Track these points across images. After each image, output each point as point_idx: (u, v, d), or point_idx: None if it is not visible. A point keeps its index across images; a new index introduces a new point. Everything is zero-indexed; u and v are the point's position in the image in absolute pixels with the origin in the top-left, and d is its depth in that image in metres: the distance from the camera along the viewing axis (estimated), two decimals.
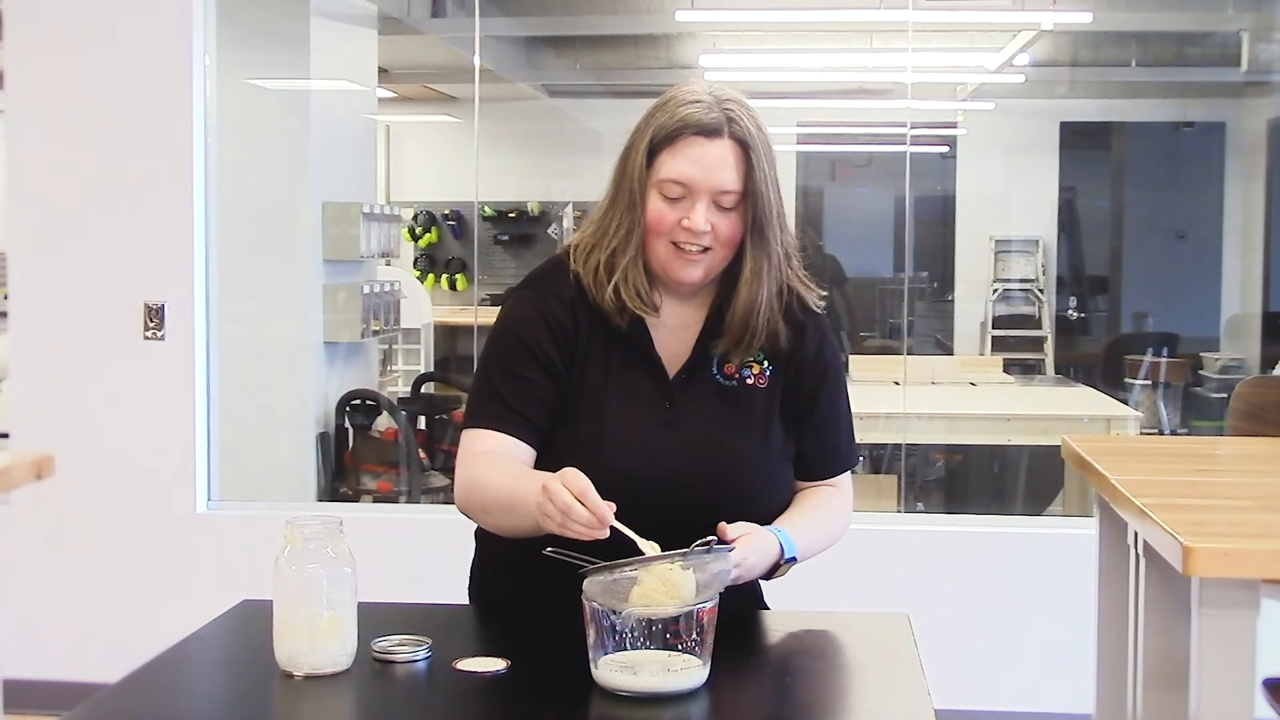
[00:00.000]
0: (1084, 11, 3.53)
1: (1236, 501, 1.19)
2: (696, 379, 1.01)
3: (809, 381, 1.03)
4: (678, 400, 1.00)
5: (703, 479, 0.98)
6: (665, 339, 1.02)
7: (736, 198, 0.97)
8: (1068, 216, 4.86)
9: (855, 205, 5.19)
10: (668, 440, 0.99)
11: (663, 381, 1.01)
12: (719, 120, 0.97)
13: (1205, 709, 0.97)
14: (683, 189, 0.97)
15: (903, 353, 3.38)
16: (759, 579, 0.99)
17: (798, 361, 1.03)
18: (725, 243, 0.98)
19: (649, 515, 0.93)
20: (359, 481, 2.74)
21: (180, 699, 0.88)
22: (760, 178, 0.97)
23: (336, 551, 0.87)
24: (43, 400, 2.20)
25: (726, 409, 1.01)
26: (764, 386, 1.02)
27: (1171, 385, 3.68)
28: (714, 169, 0.96)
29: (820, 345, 1.04)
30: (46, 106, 2.19)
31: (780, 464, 1.03)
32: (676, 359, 1.02)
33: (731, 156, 0.96)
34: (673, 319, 1.02)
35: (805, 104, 4.68)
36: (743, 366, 1.01)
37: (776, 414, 1.02)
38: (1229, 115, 4.64)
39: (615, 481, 0.92)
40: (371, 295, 2.82)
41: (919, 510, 3.02)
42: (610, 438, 0.98)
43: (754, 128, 0.98)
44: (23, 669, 1.97)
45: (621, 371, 1.00)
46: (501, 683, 0.86)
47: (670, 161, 0.97)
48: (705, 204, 0.97)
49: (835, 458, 1.06)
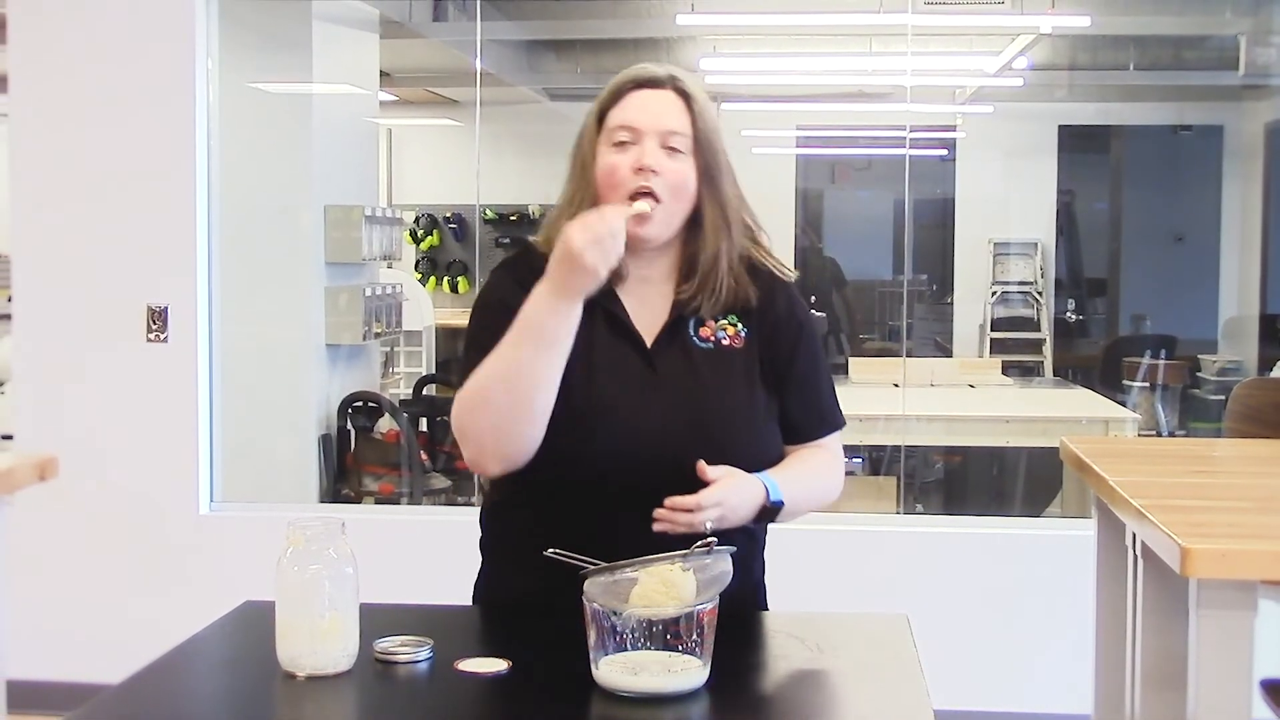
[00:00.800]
0: (1082, 15, 3.54)
1: (1234, 503, 1.19)
2: (674, 344, 1.03)
3: (784, 340, 1.05)
4: (658, 364, 1.02)
5: (689, 436, 0.98)
6: (639, 308, 1.03)
7: (686, 142, 1.00)
8: (1066, 219, 4.86)
9: (855, 208, 5.20)
10: (653, 402, 1.00)
11: (641, 348, 1.02)
12: (663, 75, 1.02)
13: (1203, 709, 0.98)
14: (631, 132, 1.00)
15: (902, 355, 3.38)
16: (750, 525, 1.00)
17: (770, 321, 1.05)
18: (676, 190, 1.00)
19: (640, 479, 0.95)
20: (361, 483, 2.75)
21: (183, 699, 0.88)
22: (705, 126, 1.00)
23: (338, 553, 0.87)
24: (46, 402, 2.21)
25: (706, 368, 1.02)
26: (740, 347, 1.03)
27: (1169, 387, 3.68)
28: (659, 113, 1.00)
29: (791, 305, 1.06)
30: (50, 109, 2.19)
31: (764, 421, 1.03)
32: (653, 327, 1.03)
33: (678, 103, 1.00)
34: (643, 288, 1.04)
35: (805, 107, 4.68)
36: (718, 330, 1.03)
37: (756, 373, 1.03)
38: (1227, 118, 4.65)
39: (606, 449, 0.94)
40: (373, 298, 2.82)
41: (918, 512, 3.03)
42: (596, 406, 0.99)
43: (697, 89, 1.02)
44: (26, 670, 1.96)
45: (601, 342, 1.01)
46: (503, 683, 0.86)
47: (617, 113, 1.01)
48: (654, 144, 0.99)
49: (819, 418, 1.07)
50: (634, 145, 0.99)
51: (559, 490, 0.99)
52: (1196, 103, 4.65)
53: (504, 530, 1.06)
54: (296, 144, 2.68)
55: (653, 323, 1.03)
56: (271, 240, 2.64)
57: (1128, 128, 4.92)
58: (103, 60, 2.18)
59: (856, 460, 3.08)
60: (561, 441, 0.97)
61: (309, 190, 2.69)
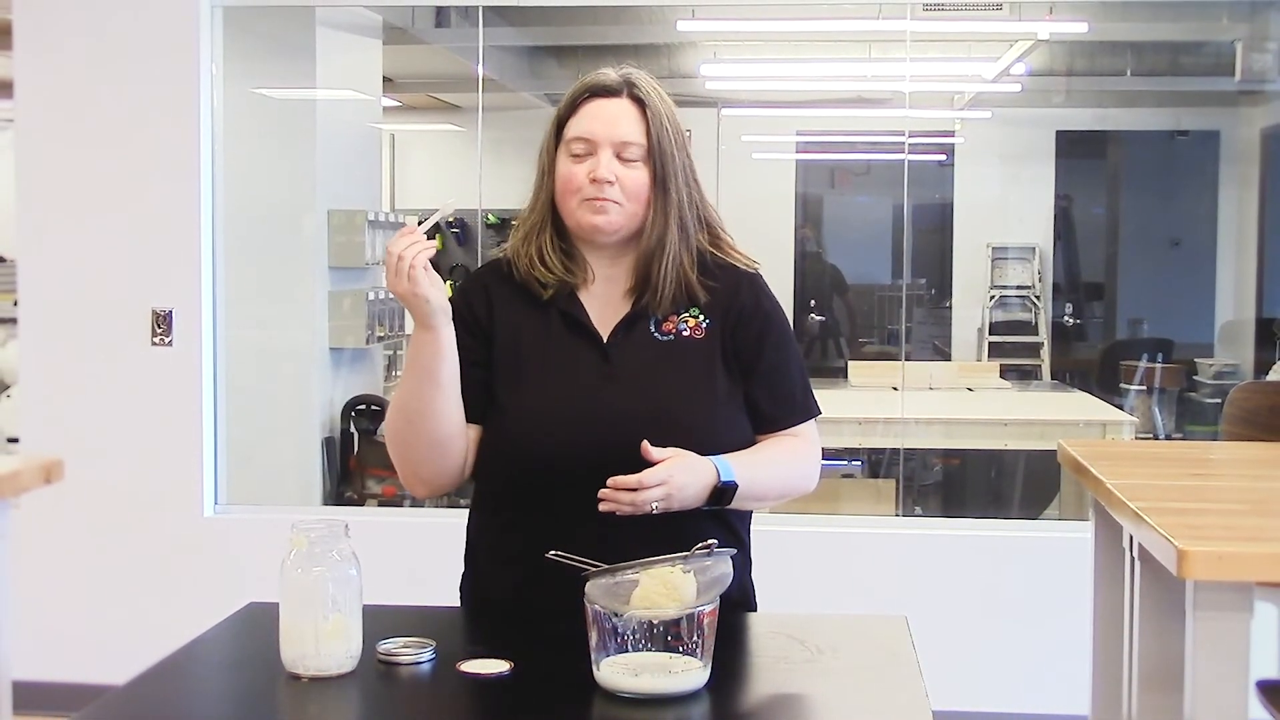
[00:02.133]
0: (1080, 21, 3.54)
1: (1230, 505, 1.20)
2: (632, 338, 1.04)
3: (750, 330, 1.06)
4: (614, 357, 1.03)
5: (647, 425, 0.99)
6: (602, 308, 1.05)
7: (640, 150, 1.02)
8: (1064, 224, 4.87)
9: (854, 213, 5.21)
10: (608, 393, 1.02)
11: (597, 342, 1.04)
12: (618, 82, 1.03)
13: (1199, 710, 0.98)
14: (586, 144, 1.02)
15: (901, 358, 3.39)
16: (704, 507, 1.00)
17: (735, 311, 1.06)
18: (633, 195, 1.02)
19: (604, 470, 0.96)
20: (364, 485, 2.76)
21: (187, 700, 0.89)
22: (659, 134, 1.02)
23: (341, 555, 0.88)
24: (52, 405, 2.22)
25: (663, 359, 1.04)
26: (701, 338, 1.05)
27: (1166, 390, 3.69)
28: (613, 122, 1.02)
29: (756, 295, 1.07)
30: (56, 115, 2.21)
31: (725, 407, 1.04)
32: (611, 323, 1.05)
33: (632, 112, 1.02)
34: (607, 287, 1.05)
35: (805, 113, 4.70)
36: (680, 323, 1.04)
37: (718, 361, 1.04)
38: (1223, 124, 4.66)
39: (565, 439, 0.95)
40: (376, 302, 2.82)
41: (917, 514, 3.04)
42: (553, 399, 1.01)
43: (653, 92, 1.04)
44: (32, 671, 1.96)
45: (558, 341, 1.03)
46: (505, 684, 0.87)
47: (574, 124, 1.03)
48: (609, 155, 1.01)
49: (789, 406, 1.07)
50: (590, 156, 1.02)
51: (526, 488, 1.01)
52: (1193, 108, 4.66)
53: (479, 530, 1.08)
54: (300, 149, 2.69)
55: (613, 320, 1.05)
56: (275, 245, 2.65)
57: (1125, 133, 4.93)
58: (108, 67, 2.19)
59: (856, 463, 3.09)
60: (523, 440, 0.99)
61: (312, 195, 2.70)
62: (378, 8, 2.91)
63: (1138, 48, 3.96)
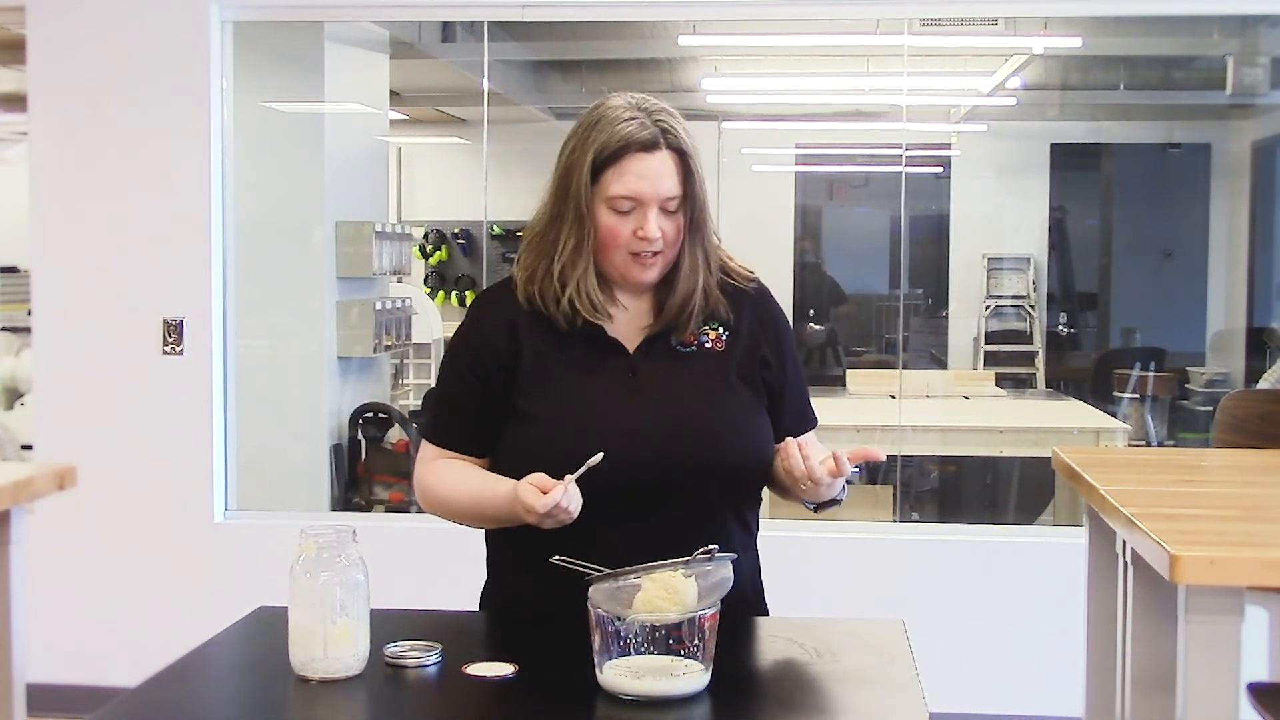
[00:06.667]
0: (1074, 36, 3.56)
1: (1222, 511, 1.21)
2: (655, 351, 1.07)
3: (768, 343, 1.10)
4: (640, 370, 1.06)
5: (675, 435, 1.02)
6: (624, 329, 1.08)
7: (678, 200, 1.05)
8: (1058, 235, 4.89)
9: (852, 224, 5.23)
10: (635, 405, 1.04)
11: (624, 357, 1.07)
12: (655, 134, 1.03)
13: (1191, 713, 0.99)
14: (633, 202, 1.04)
15: (898, 367, 3.42)
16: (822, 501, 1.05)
17: (752, 324, 1.09)
18: (672, 244, 1.06)
19: (632, 480, 0.99)
20: (371, 492, 2.76)
21: (198, 702, 0.89)
22: (696, 181, 1.05)
23: (349, 560, 0.89)
24: (65, 413, 2.24)
25: (688, 370, 1.07)
26: (721, 350, 1.08)
27: (1159, 399, 3.71)
28: (658, 180, 1.03)
29: (773, 310, 1.12)
30: (68, 128, 2.23)
31: (750, 413, 1.06)
32: (635, 339, 1.08)
33: (672, 165, 1.04)
34: (626, 314, 1.08)
35: (804, 126, 4.71)
36: (701, 335, 1.08)
37: (734, 372, 1.07)
38: (1214, 137, 4.69)
39: (592, 449, 0.97)
40: (384, 311, 2.85)
41: (914, 520, 3.06)
42: (581, 410, 1.04)
43: (685, 134, 1.05)
44: (45, 673, 2.00)
45: (584, 359, 1.06)
46: (509, 687, 0.88)
47: (618, 179, 1.03)
48: (655, 213, 1.03)
49: (804, 421, 1.12)
50: (634, 212, 1.04)
51: None
52: (1185, 122, 4.68)
53: (504, 540, 1.09)
54: (309, 162, 2.72)
55: (637, 335, 1.08)
56: (284, 255, 2.67)
57: (1118, 146, 4.94)
58: (120, 81, 2.21)
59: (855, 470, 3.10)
60: (551, 452, 1.00)
61: (321, 207, 2.72)
62: (385, 23, 2.94)
63: (1130, 62, 3.98)
